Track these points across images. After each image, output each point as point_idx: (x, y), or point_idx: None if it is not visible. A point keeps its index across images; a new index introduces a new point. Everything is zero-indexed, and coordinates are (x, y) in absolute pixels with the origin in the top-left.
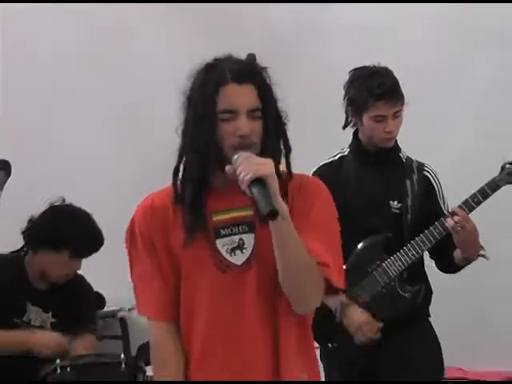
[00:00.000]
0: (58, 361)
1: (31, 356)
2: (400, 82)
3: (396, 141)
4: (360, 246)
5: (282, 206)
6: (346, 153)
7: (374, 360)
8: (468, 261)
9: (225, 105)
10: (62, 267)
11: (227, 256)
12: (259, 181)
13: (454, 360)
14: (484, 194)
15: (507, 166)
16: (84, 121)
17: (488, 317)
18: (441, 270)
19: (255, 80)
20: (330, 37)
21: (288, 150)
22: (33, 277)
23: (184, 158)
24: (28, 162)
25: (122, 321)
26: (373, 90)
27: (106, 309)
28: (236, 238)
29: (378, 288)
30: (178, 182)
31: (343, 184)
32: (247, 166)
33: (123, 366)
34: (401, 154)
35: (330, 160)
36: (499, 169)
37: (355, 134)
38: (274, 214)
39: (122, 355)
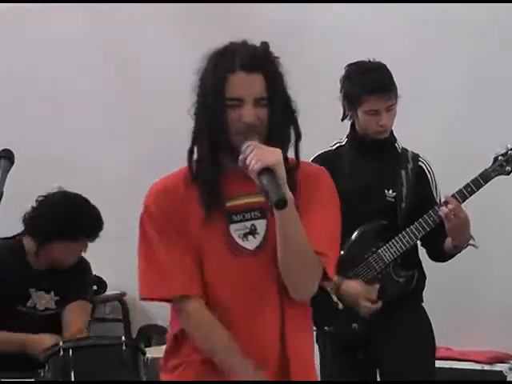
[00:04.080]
0: (60, 343)
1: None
2: None
3: (392, 131)
4: (356, 233)
5: (289, 194)
6: (343, 143)
7: (368, 343)
8: (458, 249)
9: (232, 93)
10: (77, 254)
11: (239, 241)
12: (268, 170)
13: (441, 340)
14: (477, 184)
15: (499, 157)
16: (82, 113)
17: (476, 297)
18: (431, 259)
19: (264, 69)
20: (312, 36)
21: (298, 137)
22: (35, 262)
23: (197, 141)
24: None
25: (123, 304)
26: (366, 85)
27: (107, 293)
28: (248, 223)
29: (374, 273)
30: (194, 163)
31: (339, 173)
32: (256, 155)
33: (124, 347)
34: (396, 145)
35: (328, 149)
36: (491, 160)
37: (352, 125)
38: (282, 202)
39: (123, 337)
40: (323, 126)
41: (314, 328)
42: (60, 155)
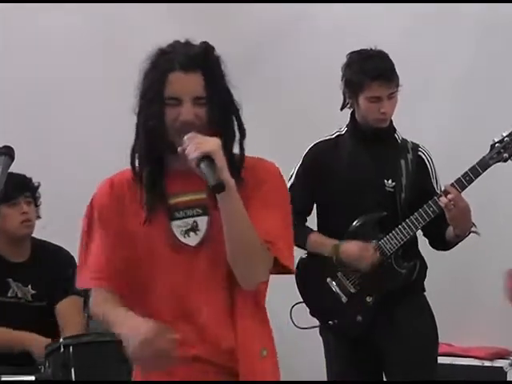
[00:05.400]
0: (61, 339)
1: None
2: None
3: (392, 121)
4: (355, 223)
5: (229, 180)
6: (343, 132)
7: (371, 335)
8: (460, 238)
9: (170, 92)
10: (20, 214)
11: (181, 238)
12: (207, 157)
13: (442, 336)
14: (475, 172)
15: (496, 144)
16: (83, 109)
17: (477, 292)
18: (434, 248)
19: (203, 68)
20: (312, 36)
21: (242, 134)
22: (6, 252)
23: (138, 140)
24: (27, 148)
25: None
26: (368, 71)
27: None
28: (190, 220)
29: (375, 265)
30: (137, 162)
31: (338, 162)
32: (194, 144)
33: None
34: (396, 135)
35: (327, 138)
36: (488, 148)
37: (352, 114)
38: (220, 186)
39: None
40: (321, 125)
41: (318, 323)
42: (59, 154)
